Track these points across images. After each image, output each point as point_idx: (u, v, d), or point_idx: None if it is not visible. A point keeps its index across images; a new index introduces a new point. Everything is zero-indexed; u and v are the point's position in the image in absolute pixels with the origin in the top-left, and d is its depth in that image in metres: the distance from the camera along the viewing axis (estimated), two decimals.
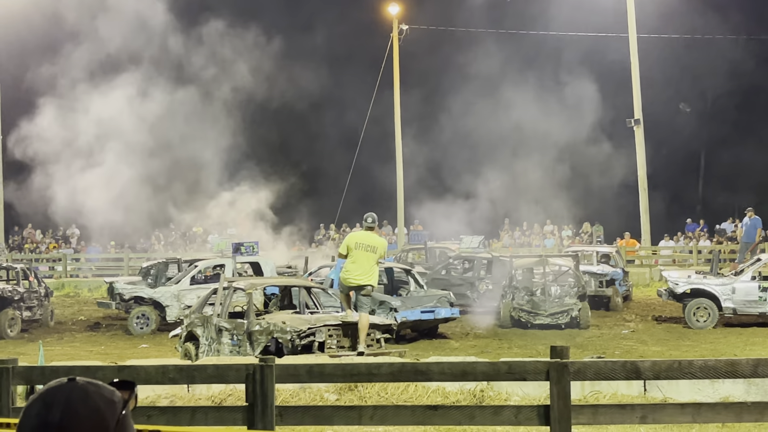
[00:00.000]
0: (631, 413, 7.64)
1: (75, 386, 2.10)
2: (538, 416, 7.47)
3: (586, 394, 11.49)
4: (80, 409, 2.06)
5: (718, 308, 21.93)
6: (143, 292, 23.67)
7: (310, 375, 8.10)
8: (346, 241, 15.79)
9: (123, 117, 31.12)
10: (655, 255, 39.06)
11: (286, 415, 7.74)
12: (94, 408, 2.07)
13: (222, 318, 16.00)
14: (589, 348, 18.83)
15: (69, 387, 2.10)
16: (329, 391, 11.78)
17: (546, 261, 23.97)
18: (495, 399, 11.49)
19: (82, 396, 2.08)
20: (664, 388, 11.47)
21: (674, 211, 47.13)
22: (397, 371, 8.21)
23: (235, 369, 7.94)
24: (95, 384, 2.12)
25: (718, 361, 7.75)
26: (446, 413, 7.75)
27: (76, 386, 2.10)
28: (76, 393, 2.09)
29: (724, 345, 19.13)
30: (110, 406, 2.10)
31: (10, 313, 22.84)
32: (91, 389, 2.10)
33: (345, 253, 15.54)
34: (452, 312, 21.27)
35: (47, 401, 2.08)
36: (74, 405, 2.06)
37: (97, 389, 2.11)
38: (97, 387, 2.11)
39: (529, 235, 42.33)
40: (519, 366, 7.80)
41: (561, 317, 22.11)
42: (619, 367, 7.66)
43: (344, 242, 15.86)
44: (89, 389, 2.10)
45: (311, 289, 17.45)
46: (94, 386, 2.11)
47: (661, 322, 23.68)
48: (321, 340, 14.96)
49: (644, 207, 38.12)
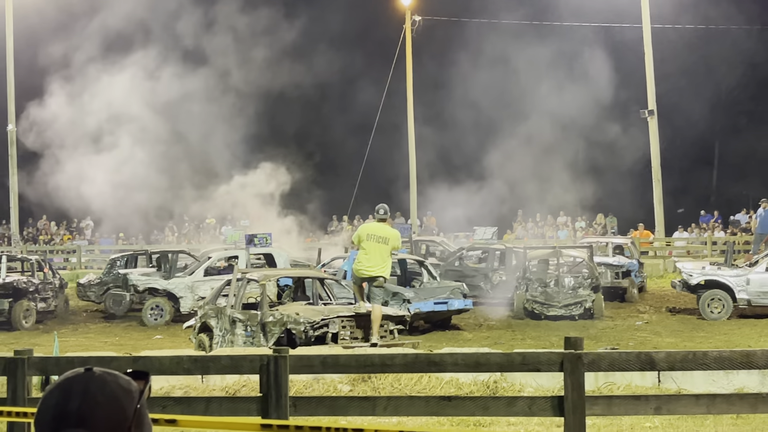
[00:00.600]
0: (645, 404, 7.62)
1: (93, 376, 2.10)
2: (552, 407, 7.46)
3: (600, 386, 11.47)
4: (99, 398, 2.06)
5: (732, 299, 21.86)
6: (157, 284, 23.73)
7: (324, 366, 8.11)
8: (359, 232, 15.84)
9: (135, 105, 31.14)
10: (668, 246, 38.94)
11: (300, 405, 7.75)
12: (113, 397, 2.08)
13: (236, 309, 16.02)
14: (602, 339, 18.80)
15: (87, 376, 2.10)
16: (343, 382, 11.79)
17: (559, 252, 23.93)
18: (509, 390, 11.49)
19: (100, 385, 2.08)
20: (679, 379, 11.44)
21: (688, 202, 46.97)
22: (411, 362, 8.22)
23: (249, 360, 7.95)
24: (112, 374, 2.13)
25: (733, 352, 7.72)
26: (460, 404, 7.75)
27: (94, 376, 2.10)
28: (94, 382, 2.09)
29: (739, 336, 19.07)
30: (128, 396, 2.10)
31: (25, 305, 22.92)
32: (109, 378, 2.11)
33: (357, 243, 15.62)
34: (465, 303, 21.26)
35: (65, 391, 2.08)
36: (92, 394, 2.07)
37: (115, 379, 2.11)
38: (114, 377, 2.12)
39: (543, 226, 42.25)
40: (533, 357, 7.79)
41: (575, 309, 22.07)
42: (634, 358, 7.65)
43: (356, 233, 15.94)
44: (107, 378, 2.10)
45: (324, 280, 17.47)
46: (111, 376, 2.12)
47: (675, 313, 23.62)
48: (334, 331, 14.98)
49: (658, 198, 38.01)
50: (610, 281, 25.35)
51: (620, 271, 26.01)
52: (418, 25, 42.62)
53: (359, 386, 11.66)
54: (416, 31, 42.80)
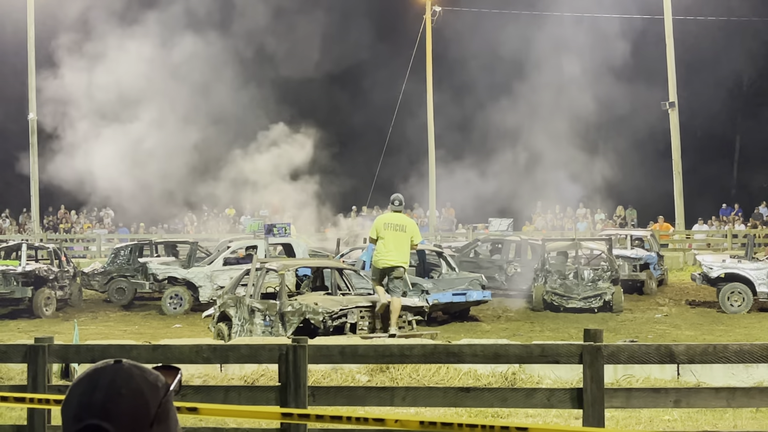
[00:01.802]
0: (665, 397, 7.59)
1: (120, 368, 2.12)
2: (571, 399, 7.44)
3: (619, 378, 11.44)
4: (123, 391, 2.08)
5: (752, 293, 21.75)
6: (177, 273, 23.82)
7: (343, 356, 8.11)
8: (375, 224, 15.79)
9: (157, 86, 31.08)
10: (688, 239, 38.77)
11: (318, 395, 7.76)
12: (138, 391, 2.09)
13: (255, 299, 16.07)
14: (621, 332, 18.75)
15: (114, 369, 2.12)
16: (361, 372, 11.81)
17: (579, 244, 23.86)
18: (527, 382, 11.48)
19: (126, 378, 2.10)
20: (698, 372, 11.40)
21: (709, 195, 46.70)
22: (429, 353, 8.21)
23: (268, 349, 7.96)
24: (140, 368, 2.14)
25: (754, 346, 7.68)
26: (479, 395, 7.74)
27: (122, 369, 2.12)
28: (120, 375, 2.11)
29: (759, 330, 19.00)
30: (154, 390, 2.12)
31: (47, 293, 23.06)
32: (136, 372, 2.12)
33: (375, 236, 15.52)
34: (484, 295, 21.23)
35: (92, 382, 2.10)
36: (117, 387, 2.09)
37: (142, 373, 2.13)
38: (142, 371, 2.13)
39: (562, 218, 42.15)
40: (552, 349, 7.76)
41: (594, 301, 22.02)
42: (653, 350, 7.61)
43: (373, 226, 15.85)
44: (134, 372, 2.12)
45: (343, 270, 17.49)
46: (139, 369, 2.13)
47: (694, 306, 23.53)
48: (353, 321, 15.00)
49: (678, 190, 37.85)
50: (628, 274, 25.25)
51: (638, 263, 25.87)
52: (439, 15, 42.53)
53: (377, 377, 11.68)
54: (436, 22, 42.72)
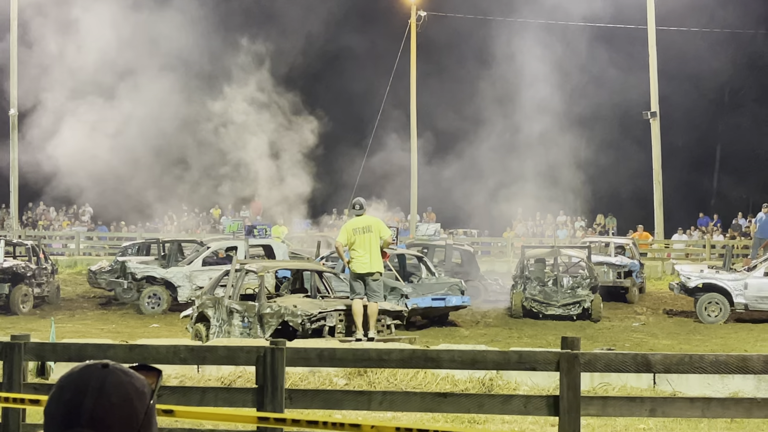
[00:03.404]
0: (640, 406, 7.62)
1: (109, 374, 2.08)
2: (547, 406, 7.46)
3: (595, 386, 11.48)
4: (113, 399, 2.04)
5: (729, 303, 21.87)
6: (155, 272, 23.74)
7: (321, 359, 8.11)
8: (343, 229, 15.73)
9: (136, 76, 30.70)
10: (667, 248, 38.94)
11: (295, 398, 7.76)
12: (128, 399, 2.06)
13: (233, 300, 16.03)
14: (599, 339, 18.82)
15: (103, 374, 2.07)
16: (339, 375, 11.80)
17: (558, 252, 23.91)
18: (504, 388, 11.50)
19: (116, 385, 2.06)
20: (674, 381, 11.45)
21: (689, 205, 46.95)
22: (408, 358, 8.22)
23: (246, 351, 7.95)
24: (128, 373, 2.11)
25: (729, 357, 7.72)
26: (455, 401, 7.76)
27: (110, 374, 2.08)
28: (109, 382, 2.06)
29: (735, 340, 19.10)
30: (141, 398, 2.09)
31: (24, 289, 22.94)
32: (125, 379, 2.09)
33: (345, 242, 15.46)
34: (463, 300, 21.27)
35: (80, 387, 2.05)
36: (107, 394, 2.05)
37: (130, 379, 2.09)
38: (130, 377, 2.10)
39: (542, 225, 42.27)
40: (529, 356, 7.79)
41: (573, 308, 22.06)
42: (630, 359, 7.65)
43: (341, 231, 15.79)
44: (123, 379, 2.08)
45: (323, 273, 17.47)
46: (127, 375, 2.10)
47: (672, 315, 23.64)
48: (331, 324, 14.99)
49: (658, 200, 38.00)
50: (612, 281, 25.34)
51: (623, 270, 25.97)
52: (424, 20, 42.56)
53: (355, 380, 11.68)
54: (421, 27, 42.74)
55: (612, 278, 25.42)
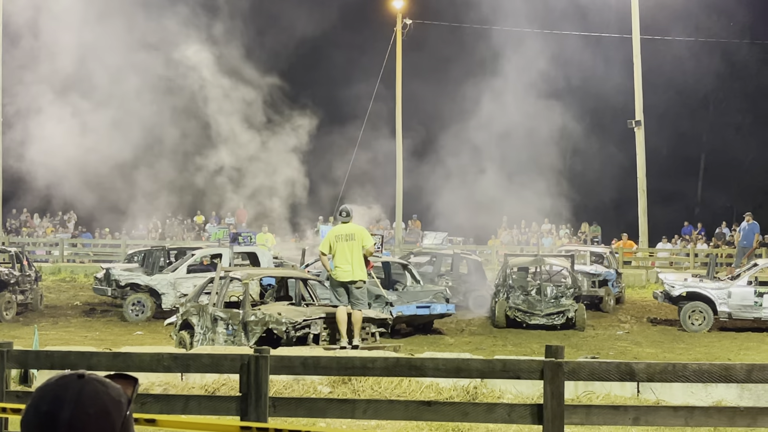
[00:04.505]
0: (624, 414, 7.64)
1: (85, 385, 2.07)
2: (531, 415, 7.47)
3: (579, 394, 11.50)
4: (90, 410, 2.04)
5: (713, 312, 21.93)
6: (140, 279, 23.66)
7: (305, 367, 8.10)
8: (327, 237, 15.72)
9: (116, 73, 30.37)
10: (652, 257, 39.07)
11: (279, 406, 7.74)
12: (104, 410, 2.06)
13: (218, 307, 16.00)
14: (583, 348, 18.84)
15: (80, 385, 2.07)
16: (323, 383, 11.79)
17: (542, 260, 23.81)
18: (488, 396, 11.50)
19: (92, 396, 2.06)
20: (658, 390, 11.48)
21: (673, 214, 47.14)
22: (392, 366, 8.21)
23: (230, 359, 7.94)
24: (104, 383, 2.10)
25: (713, 365, 7.75)
26: (439, 409, 7.75)
27: (87, 385, 2.07)
28: (86, 392, 2.06)
29: (718, 349, 19.15)
30: (117, 408, 2.08)
31: (7, 297, 22.83)
32: (101, 389, 2.08)
33: (327, 251, 15.45)
34: (448, 308, 21.24)
35: (58, 398, 2.05)
36: (84, 405, 2.04)
37: (106, 389, 2.09)
38: (106, 386, 2.09)
39: (527, 233, 42.33)
40: (513, 364, 7.80)
41: (557, 318, 21.84)
42: (614, 368, 7.67)
43: (324, 240, 15.80)
44: (99, 389, 2.08)
45: (308, 281, 17.45)
46: (103, 386, 2.09)
47: (656, 324, 23.69)
48: (316, 332, 14.97)
49: (643, 208, 38.13)
50: (587, 289, 25.33)
51: (597, 279, 25.96)
52: (409, 28, 42.63)
53: (339, 388, 11.66)
54: (407, 35, 42.81)
55: (587, 287, 25.38)
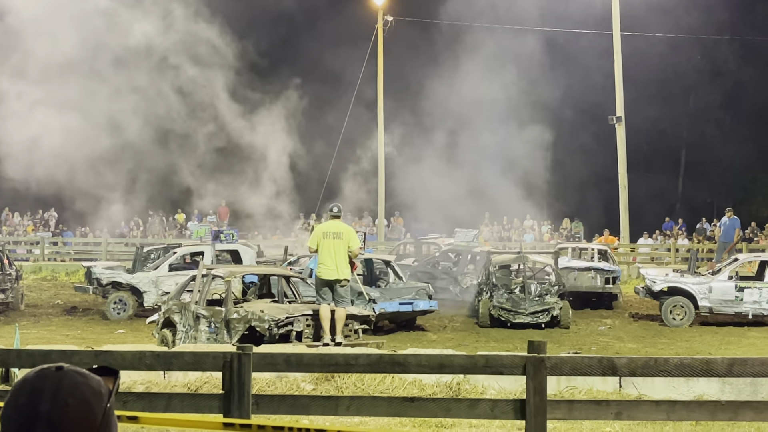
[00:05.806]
0: (606, 409, 7.68)
1: (64, 376, 2.06)
2: (513, 410, 7.49)
3: (562, 390, 11.53)
4: (69, 401, 2.03)
5: (694, 307, 22.03)
6: (121, 278, 23.57)
7: (288, 364, 8.10)
8: (314, 234, 15.74)
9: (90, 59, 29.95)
10: (633, 252, 39.22)
11: (262, 403, 7.74)
12: (84, 401, 2.05)
13: (200, 305, 15.96)
14: (565, 343, 18.88)
15: (58, 377, 2.06)
16: (306, 380, 11.78)
17: (525, 258, 23.49)
18: (471, 392, 11.52)
19: (71, 387, 2.05)
20: (640, 385, 11.53)
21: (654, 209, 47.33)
22: (375, 362, 8.22)
23: (213, 356, 7.93)
24: (83, 374, 2.09)
25: (694, 360, 7.80)
26: (422, 405, 7.77)
27: (66, 377, 2.06)
28: (65, 384, 2.05)
29: (700, 343, 19.24)
30: (98, 398, 2.07)
31: None
32: (80, 380, 2.07)
33: (315, 247, 15.48)
34: (430, 305, 21.20)
35: (36, 391, 2.04)
36: (63, 397, 2.03)
37: (85, 380, 2.08)
38: (85, 378, 2.08)
39: (509, 229, 42.40)
40: (496, 360, 7.82)
41: (542, 316, 21.24)
42: (596, 363, 7.70)
43: (312, 236, 15.82)
44: (78, 380, 2.07)
45: (290, 278, 17.44)
46: (82, 377, 2.08)
47: (637, 319, 23.77)
48: (299, 329, 14.97)
49: (624, 204, 38.25)
50: (601, 286, 25.30)
51: (611, 276, 25.80)
52: (390, 25, 42.59)
53: (322, 385, 11.66)
54: (388, 32, 42.77)
55: (601, 284, 25.35)
